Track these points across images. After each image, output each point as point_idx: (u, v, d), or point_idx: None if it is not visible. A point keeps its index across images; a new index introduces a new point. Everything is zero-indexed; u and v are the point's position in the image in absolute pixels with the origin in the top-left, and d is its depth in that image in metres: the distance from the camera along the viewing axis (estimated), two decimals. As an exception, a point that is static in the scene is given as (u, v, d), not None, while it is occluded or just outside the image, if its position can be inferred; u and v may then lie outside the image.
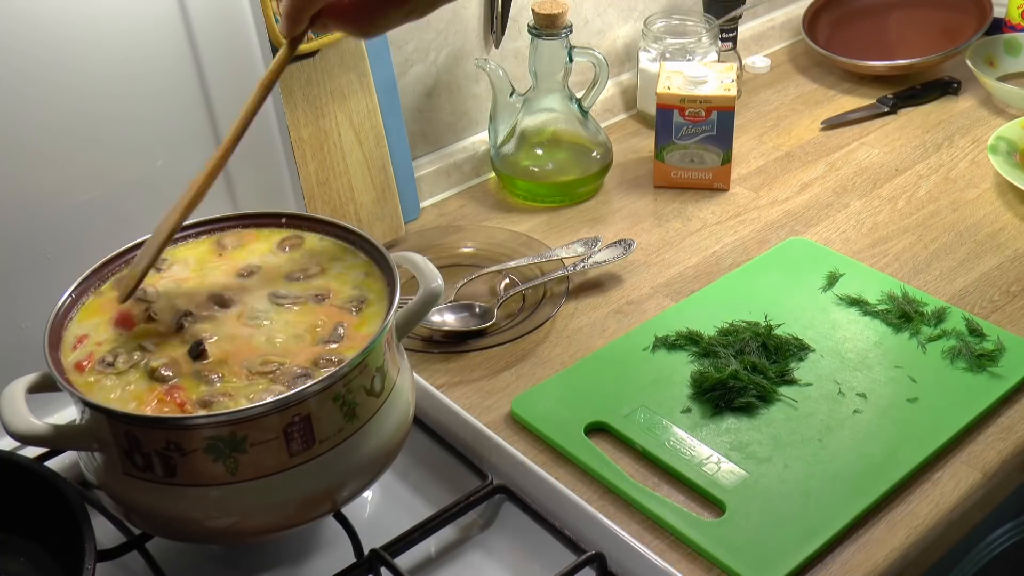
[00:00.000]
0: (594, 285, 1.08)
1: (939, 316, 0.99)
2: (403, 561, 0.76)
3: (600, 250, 1.09)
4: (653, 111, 1.36)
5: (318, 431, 0.71)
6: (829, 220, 1.17)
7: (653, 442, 0.87)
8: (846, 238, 1.14)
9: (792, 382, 0.93)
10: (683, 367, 0.95)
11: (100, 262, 0.80)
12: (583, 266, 1.07)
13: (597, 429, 0.90)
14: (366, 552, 0.77)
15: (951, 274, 1.07)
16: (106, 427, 0.70)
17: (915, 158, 1.28)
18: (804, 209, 1.19)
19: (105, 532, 0.80)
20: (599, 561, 0.75)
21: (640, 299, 1.05)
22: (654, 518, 0.81)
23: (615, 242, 1.10)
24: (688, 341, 0.97)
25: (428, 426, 0.88)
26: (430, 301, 0.79)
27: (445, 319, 1.02)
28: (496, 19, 1.21)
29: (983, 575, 1.00)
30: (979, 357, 0.94)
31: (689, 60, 1.31)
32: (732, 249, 1.13)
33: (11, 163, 0.82)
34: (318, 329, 0.76)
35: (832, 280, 1.05)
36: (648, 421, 0.89)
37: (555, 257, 1.08)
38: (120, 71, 0.85)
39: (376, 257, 0.81)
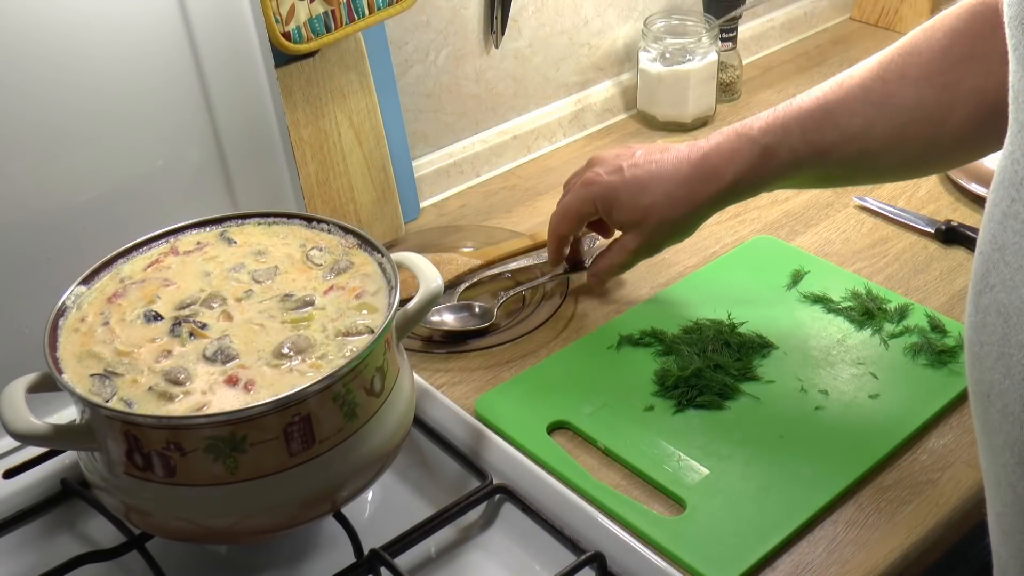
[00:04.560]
0: (594, 285, 1.08)
1: (902, 313, 1.00)
2: (403, 561, 0.76)
3: (600, 250, 1.09)
4: (653, 111, 1.36)
5: (318, 431, 0.71)
6: (829, 220, 1.17)
7: (615, 440, 0.87)
8: (846, 238, 1.14)
9: (755, 379, 0.93)
10: (647, 365, 0.95)
11: (100, 262, 0.80)
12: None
13: (559, 427, 0.90)
14: (366, 552, 0.77)
15: (951, 274, 1.07)
16: (106, 427, 0.70)
17: (915, 158, 1.28)
18: (804, 209, 1.19)
19: (105, 532, 0.80)
20: (599, 561, 0.75)
21: (640, 299, 1.05)
22: (615, 516, 0.80)
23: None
24: (652, 339, 0.97)
25: (428, 426, 0.88)
26: (430, 301, 0.79)
27: (445, 319, 1.02)
28: (496, 19, 1.21)
29: (983, 575, 1.00)
30: (940, 353, 0.94)
31: (689, 60, 1.31)
32: (732, 249, 1.12)
33: (11, 164, 0.82)
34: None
35: (797, 278, 1.05)
36: (610, 419, 0.89)
37: (555, 257, 1.08)
38: (120, 71, 0.85)
39: (376, 257, 0.81)
